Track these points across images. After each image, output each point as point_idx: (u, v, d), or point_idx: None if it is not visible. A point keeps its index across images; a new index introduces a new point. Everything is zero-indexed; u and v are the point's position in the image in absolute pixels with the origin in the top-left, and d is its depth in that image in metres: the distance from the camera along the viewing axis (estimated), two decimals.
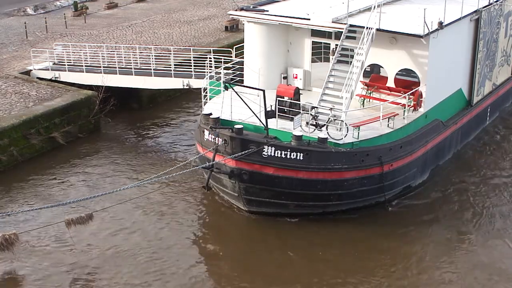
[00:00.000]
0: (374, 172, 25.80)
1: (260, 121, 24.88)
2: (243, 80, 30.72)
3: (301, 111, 25.83)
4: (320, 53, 30.34)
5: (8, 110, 32.34)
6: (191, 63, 34.30)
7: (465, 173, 30.10)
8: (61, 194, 28.29)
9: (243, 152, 24.61)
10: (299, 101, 26.11)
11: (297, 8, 30.36)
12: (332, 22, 28.22)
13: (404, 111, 27.23)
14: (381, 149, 25.79)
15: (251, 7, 30.80)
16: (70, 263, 23.62)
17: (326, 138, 24.88)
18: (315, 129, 25.51)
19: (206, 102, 28.10)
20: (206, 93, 28.16)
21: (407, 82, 28.35)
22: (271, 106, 25.47)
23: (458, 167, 30.65)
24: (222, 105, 26.38)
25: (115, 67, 35.68)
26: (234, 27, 46.89)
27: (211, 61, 32.37)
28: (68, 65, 36.69)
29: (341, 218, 26.22)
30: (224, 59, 32.16)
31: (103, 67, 35.73)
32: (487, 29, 32.18)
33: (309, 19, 28.81)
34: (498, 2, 32.86)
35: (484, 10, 31.29)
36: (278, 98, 25.77)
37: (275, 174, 24.96)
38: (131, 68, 35.60)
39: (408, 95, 27.19)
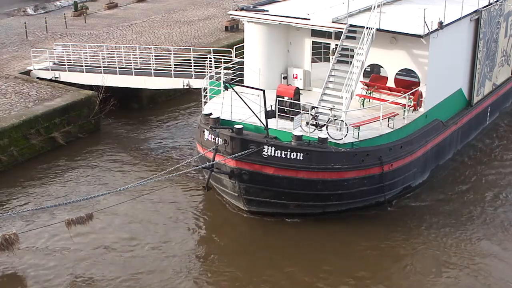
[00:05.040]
0: (374, 172, 25.80)
1: (260, 121, 24.88)
2: (243, 80, 30.72)
3: (301, 111, 25.83)
4: (320, 53, 30.35)
5: (8, 110, 32.35)
6: (191, 63, 34.30)
7: (465, 173, 30.10)
8: (61, 194, 28.28)
9: (243, 152, 24.61)
10: (299, 101, 26.11)
11: (297, 8, 30.36)
12: (332, 22, 28.23)
13: (404, 111, 27.23)
14: (381, 149, 25.79)
15: (251, 7, 30.80)
16: (70, 263, 23.61)
17: (326, 138, 24.89)
18: (315, 129, 25.51)
19: (206, 102, 28.10)
20: (206, 93, 28.16)
21: (407, 82, 28.35)
22: (271, 106, 25.47)
23: (458, 167, 30.65)
24: (222, 105, 26.38)
25: (115, 67, 35.68)
26: (234, 27, 46.90)
27: (211, 61, 32.39)
28: (68, 65, 36.70)
29: (341, 218, 26.21)
30: (224, 59, 32.18)
31: (103, 67, 35.73)
32: (487, 29, 32.19)
33: (309, 19, 28.82)
34: (498, 2, 32.87)
35: (484, 10, 31.29)
36: (278, 98, 25.78)
37: (275, 174, 24.96)
38: (131, 68, 35.61)
39: (408, 95, 27.19)
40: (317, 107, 25.95)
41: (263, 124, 24.82)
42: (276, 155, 24.64)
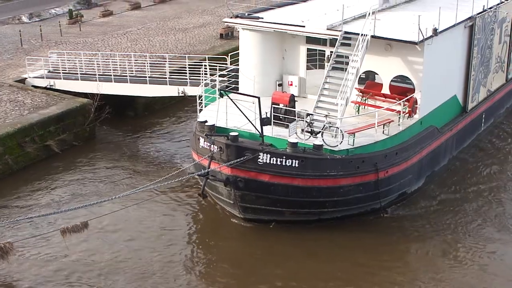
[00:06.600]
0: (369, 179, 25.80)
1: (256, 128, 24.87)
2: (238, 87, 30.71)
3: (296, 118, 25.84)
4: (315, 60, 30.38)
5: (3, 118, 32.27)
6: (186, 70, 34.30)
7: (460, 180, 30.14)
8: (56, 203, 28.21)
9: (238, 160, 24.59)
10: (294, 108, 26.12)
11: (292, 15, 30.43)
12: (327, 29, 28.28)
13: (399, 117, 27.24)
14: (376, 156, 25.80)
15: (246, 14, 30.83)
16: (65, 272, 23.54)
17: (322, 145, 24.90)
18: (310, 136, 25.52)
19: (202, 109, 28.10)
20: (202, 100, 28.17)
21: (402, 89, 28.39)
22: (266, 113, 25.46)
23: (453, 173, 30.69)
24: (218, 113, 26.37)
25: (110, 75, 35.64)
26: (229, 34, 46.96)
27: (206, 68, 32.38)
28: (63, 73, 36.65)
29: (337, 225, 26.18)
30: (219, 66, 32.18)
31: (98, 75, 35.70)
32: (482, 35, 32.27)
33: (304, 26, 28.86)
34: (492, 9, 32.97)
35: (478, 16, 31.38)
36: (273, 105, 25.79)
37: (270, 182, 24.94)
38: (126, 76, 35.55)
39: (403, 101, 27.23)
40: (312, 114, 25.95)
41: (258, 131, 24.81)
42: (271, 162, 24.62)
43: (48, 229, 25.45)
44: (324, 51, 29.77)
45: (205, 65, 32.56)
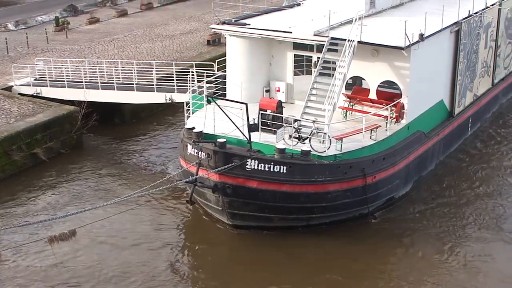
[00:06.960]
0: (357, 184, 25.85)
1: (243, 134, 24.87)
2: (225, 93, 30.71)
3: (284, 124, 25.86)
4: (302, 66, 30.44)
5: None
6: (173, 77, 34.26)
7: (447, 184, 30.23)
8: (43, 211, 28.07)
9: (226, 166, 24.57)
10: (282, 114, 26.14)
11: (279, 22, 30.47)
12: (314, 35, 28.34)
13: (387, 123, 27.33)
14: (364, 161, 25.85)
15: (233, 21, 30.85)
16: (54, 280, 23.42)
17: (309, 151, 24.93)
18: (298, 142, 25.54)
19: (189, 116, 28.07)
20: (189, 107, 28.14)
21: (389, 94, 28.48)
22: (254, 119, 25.47)
23: (441, 178, 30.77)
24: (205, 119, 26.35)
25: (97, 82, 35.54)
26: (216, 41, 46.96)
27: (193, 75, 32.35)
28: (49, 80, 36.50)
29: (325, 231, 26.18)
30: (206, 73, 32.16)
31: (85, 82, 35.59)
32: (467, 40, 32.45)
33: (291, 32, 28.92)
34: (477, 14, 33.17)
35: (464, 21, 31.56)
36: (260, 112, 25.80)
37: (258, 188, 24.93)
38: (113, 83, 35.46)
39: (390, 107, 27.32)
40: (299, 120, 25.99)
41: (246, 138, 24.81)
42: (259, 168, 24.62)
43: (35, 238, 25.26)
44: (311, 57, 29.84)
45: (192, 72, 32.53)
